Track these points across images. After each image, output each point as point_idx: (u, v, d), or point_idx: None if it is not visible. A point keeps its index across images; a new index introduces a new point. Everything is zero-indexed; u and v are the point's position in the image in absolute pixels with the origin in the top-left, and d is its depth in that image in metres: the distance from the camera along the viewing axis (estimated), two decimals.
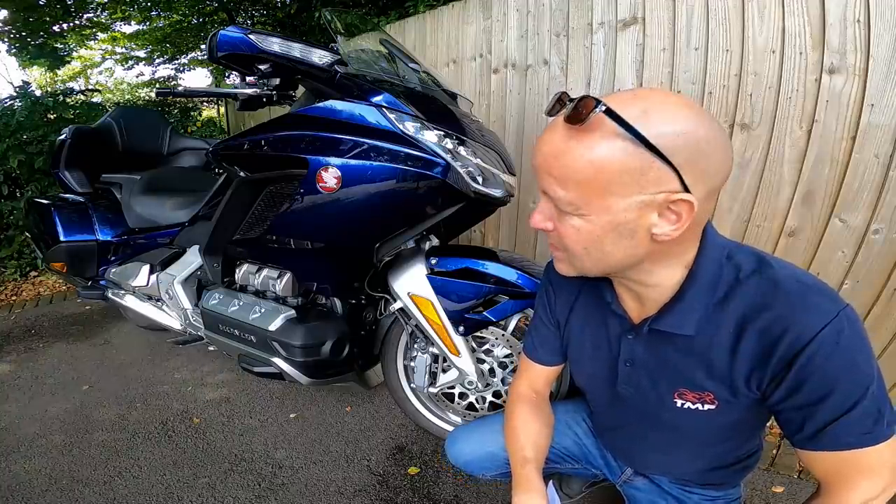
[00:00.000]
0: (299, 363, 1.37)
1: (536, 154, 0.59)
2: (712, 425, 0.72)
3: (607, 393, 0.81)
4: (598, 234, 0.57)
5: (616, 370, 0.76)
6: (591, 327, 0.80)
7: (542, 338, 0.89)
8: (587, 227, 0.57)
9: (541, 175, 0.59)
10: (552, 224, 0.61)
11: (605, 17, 1.68)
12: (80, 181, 2.07)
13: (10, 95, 3.59)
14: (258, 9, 5.83)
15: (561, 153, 0.55)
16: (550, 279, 0.86)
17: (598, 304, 0.77)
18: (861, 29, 1.23)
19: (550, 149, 0.56)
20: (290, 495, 1.35)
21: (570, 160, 0.54)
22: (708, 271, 0.63)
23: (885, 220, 1.29)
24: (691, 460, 0.83)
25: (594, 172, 0.53)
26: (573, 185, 0.55)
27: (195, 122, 5.52)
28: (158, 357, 2.16)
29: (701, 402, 0.69)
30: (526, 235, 2.14)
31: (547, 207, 0.61)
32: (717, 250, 0.63)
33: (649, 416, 0.77)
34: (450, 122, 1.20)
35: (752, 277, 0.61)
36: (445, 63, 2.24)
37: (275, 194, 1.34)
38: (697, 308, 0.63)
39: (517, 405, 0.90)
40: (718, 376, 0.65)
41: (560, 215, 0.59)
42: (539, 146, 0.58)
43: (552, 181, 0.57)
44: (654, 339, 0.70)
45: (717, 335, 0.63)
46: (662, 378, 0.71)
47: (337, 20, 1.31)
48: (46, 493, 1.38)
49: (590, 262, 0.62)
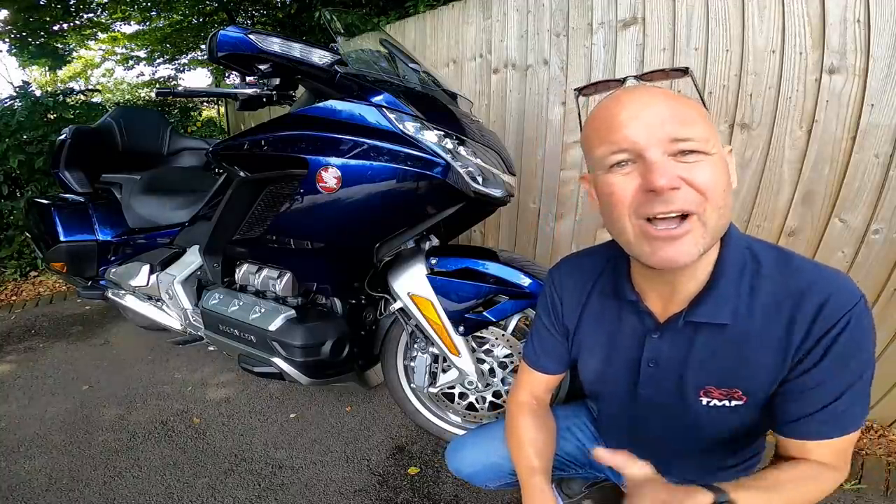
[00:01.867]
0: (299, 363, 1.37)
1: (634, 114, 0.57)
2: (735, 422, 0.71)
3: (624, 396, 0.79)
4: (725, 172, 0.59)
5: (637, 372, 0.74)
6: (605, 330, 0.78)
7: (546, 345, 0.87)
8: (717, 165, 0.57)
9: (652, 130, 0.55)
10: (678, 180, 0.55)
11: (605, 17, 1.68)
12: (80, 181, 2.07)
13: (10, 95, 3.59)
14: (258, 9, 5.83)
15: (674, 100, 0.58)
16: (555, 285, 0.85)
17: (614, 305, 0.76)
18: (861, 29, 1.23)
19: (658, 99, 0.58)
20: (290, 495, 1.35)
21: (686, 103, 0.58)
22: (734, 260, 0.64)
23: (885, 220, 1.29)
24: (701, 461, 0.82)
25: (702, 113, 0.58)
26: (699, 122, 0.57)
27: (195, 122, 5.52)
28: (158, 357, 2.16)
29: (728, 398, 0.68)
30: (526, 235, 2.14)
31: (664, 164, 0.55)
32: (739, 240, 0.65)
33: (668, 417, 0.76)
34: (450, 122, 1.20)
35: (775, 267, 0.63)
36: (445, 63, 2.24)
37: (275, 194, 1.34)
38: (731, 296, 0.64)
39: (519, 415, 0.88)
40: (750, 369, 0.65)
41: (688, 167, 0.55)
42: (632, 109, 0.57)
43: (675, 126, 0.55)
44: (683, 336, 0.68)
45: (751, 324, 0.63)
46: (689, 376, 0.70)
47: (337, 20, 1.31)
48: (46, 493, 1.38)
49: (725, 213, 0.59)
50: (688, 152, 0.55)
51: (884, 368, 1.38)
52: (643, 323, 0.72)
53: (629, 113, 0.57)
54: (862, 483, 1.27)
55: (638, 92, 0.59)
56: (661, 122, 0.55)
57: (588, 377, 0.86)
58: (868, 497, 1.23)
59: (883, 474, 1.29)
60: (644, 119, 0.56)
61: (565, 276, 0.85)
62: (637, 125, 0.56)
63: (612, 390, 0.83)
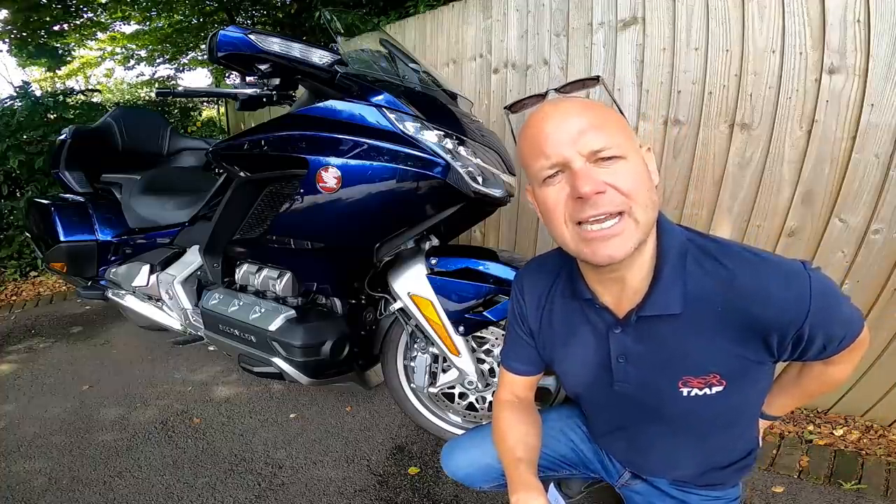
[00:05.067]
0: (299, 363, 1.37)
1: (556, 128, 0.61)
2: (718, 410, 0.72)
3: (604, 395, 0.80)
4: (645, 170, 0.63)
5: (610, 369, 0.76)
6: (574, 330, 0.79)
7: (516, 347, 0.89)
8: (635, 166, 0.61)
9: (573, 141, 0.60)
10: (603, 185, 0.59)
11: (605, 17, 1.68)
12: (80, 181, 2.08)
13: (10, 95, 3.59)
14: (258, 9, 5.84)
15: (591, 111, 0.62)
16: (519, 287, 0.87)
17: (577, 305, 0.77)
18: (861, 29, 1.23)
19: (575, 111, 0.62)
20: (290, 495, 1.35)
21: (601, 113, 0.62)
22: (675, 249, 0.67)
23: (885, 220, 1.29)
24: (692, 458, 0.82)
25: (616, 118, 0.63)
26: (613, 128, 0.61)
27: (195, 122, 5.51)
28: (158, 357, 2.16)
29: (708, 385, 0.69)
30: (526, 235, 2.14)
31: (587, 172, 0.59)
32: (675, 230, 0.69)
33: (651, 411, 0.77)
34: (450, 122, 1.20)
35: (718, 253, 0.66)
36: (445, 63, 2.24)
37: (275, 194, 1.34)
38: (677, 285, 0.66)
39: (501, 411, 0.90)
40: (719, 352, 0.66)
41: (609, 172, 0.60)
42: (553, 123, 0.62)
43: (593, 135, 0.59)
44: (643, 329, 0.70)
45: (704, 310, 0.65)
46: (663, 369, 0.71)
47: (337, 20, 1.31)
48: (46, 493, 1.38)
49: (652, 208, 0.63)
50: (607, 158, 0.60)
51: (884, 368, 1.39)
52: (604, 320, 0.74)
53: (551, 127, 0.61)
54: (862, 483, 1.27)
55: (559, 107, 0.63)
56: (580, 132, 0.60)
57: (566, 382, 0.87)
58: (868, 497, 1.23)
59: (883, 474, 1.29)
60: (565, 132, 0.60)
61: (527, 279, 0.87)
62: (560, 138, 0.60)
63: (590, 391, 0.84)
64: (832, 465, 1.34)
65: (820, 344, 0.65)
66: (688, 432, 0.78)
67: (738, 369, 0.68)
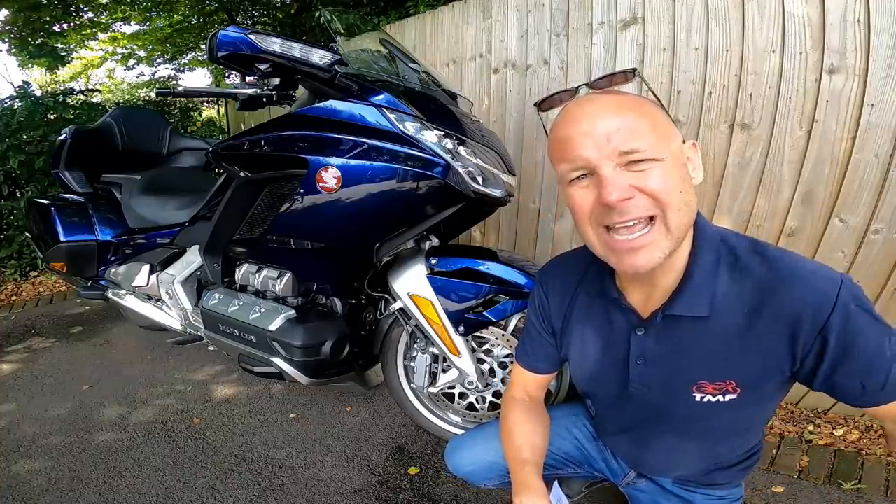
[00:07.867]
0: (299, 363, 1.37)
1: (583, 132, 0.58)
2: (729, 417, 0.71)
3: (616, 394, 0.80)
4: (680, 174, 0.60)
5: (627, 370, 0.75)
6: (594, 329, 0.78)
7: (535, 345, 0.88)
8: (670, 168, 0.58)
9: (601, 145, 0.57)
10: (630, 190, 0.57)
11: (605, 17, 1.68)
12: (80, 181, 2.07)
13: (11, 95, 3.60)
14: (258, 9, 5.84)
15: (624, 110, 0.58)
16: (543, 285, 0.86)
17: (601, 304, 0.76)
18: (861, 29, 1.23)
19: (605, 112, 0.58)
20: (290, 495, 1.35)
21: (635, 111, 0.59)
22: (709, 252, 0.65)
23: (885, 220, 1.29)
24: (699, 460, 0.82)
25: (651, 114, 0.59)
26: (647, 128, 0.58)
27: (195, 122, 5.52)
28: (158, 357, 2.16)
29: (722, 392, 0.68)
30: (526, 235, 2.14)
31: (614, 178, 0.57)
32: (711, 233, 0.67)
33: (662, 414, 0.76)
34: (450, 122, 1.20)
35: (751, 257, 0.64)
36: (445, 63, 2.24)
37: (275, 194, 1.34)
38: (707, 287, 0.65)
39: (511, 411, 0.89)
40: (740, 359, 0.65)
41: (640, 176, 0.57)
42: (581, 125, 0.59)
43: (623, 137, 0.57)
44: (667, 330, 0.69)
45: (731, 316, 0.64)
46: (679, 372, 0.70)
47: (337, 20, 1.31)
48: (46, 493, 1.38)
49: (686, 211, 0.60)
50: (638, 161, 0.57)
51: None
52: (628, 320, 0.73)
53: (580, 129, 0.59)
54: (862, 483, 1.27)
55: (588, 106, 0.61)
56: (609, 136, 0.57)
57: (579, 378, 0.86)
58: (868, 497, 1.23)
59: (883, 474, 1.29)
60: (594, 135, 0.58)
61: (552, 276, 0.86)
62: (587, 142, 0.58)
63: (604, 390, 0.83)
64: (832, 465, 1.34)
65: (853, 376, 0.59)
66: (696, 436, 0.78)
67: (754, 378, 0.66)
